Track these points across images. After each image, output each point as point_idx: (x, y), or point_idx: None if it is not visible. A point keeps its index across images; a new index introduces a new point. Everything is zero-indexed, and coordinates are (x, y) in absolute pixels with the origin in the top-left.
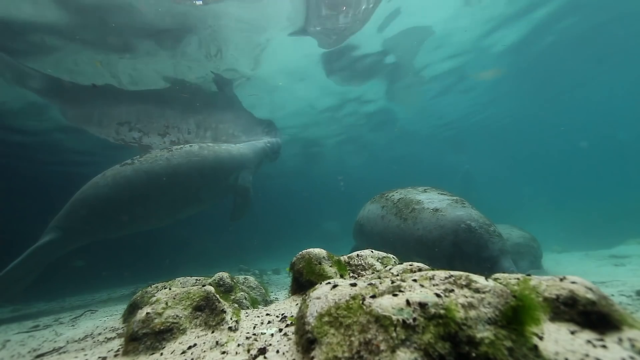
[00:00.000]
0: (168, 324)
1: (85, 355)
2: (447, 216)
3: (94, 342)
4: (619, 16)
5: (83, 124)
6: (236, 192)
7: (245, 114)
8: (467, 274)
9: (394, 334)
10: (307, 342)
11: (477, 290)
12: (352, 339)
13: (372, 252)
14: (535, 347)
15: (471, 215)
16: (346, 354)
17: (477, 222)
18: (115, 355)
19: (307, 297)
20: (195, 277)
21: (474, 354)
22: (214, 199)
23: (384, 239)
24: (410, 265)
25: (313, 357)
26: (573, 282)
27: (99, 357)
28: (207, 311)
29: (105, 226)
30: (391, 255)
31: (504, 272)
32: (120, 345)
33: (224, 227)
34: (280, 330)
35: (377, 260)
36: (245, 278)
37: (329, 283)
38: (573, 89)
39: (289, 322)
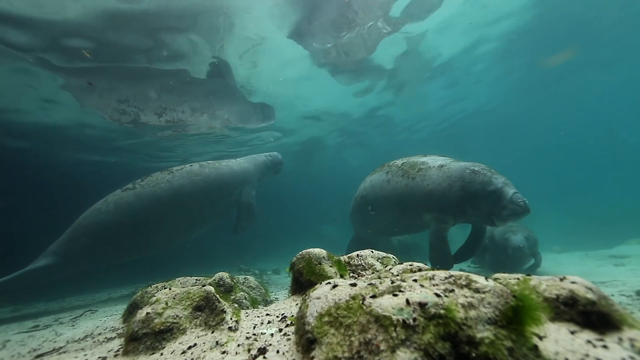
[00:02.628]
0: (168, 324)
1: (85, 355)
2: (452, 168)
3: (94, 342)
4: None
5: (82, 95)
6: (240, 208)
7: (241, 100)
8: (467, 274)
9: (394, 334)
10: (307, 342)
11: (477, 290)
12: (352, 339)
13: (372, 252)
14: (535, 347)
15: (474, 163)
16: (346, 354)
17: (479, 166)
18: (115, 355)
19: (307, 297)
20: (195, 277)
21: (474, 354)
22: (219, 217)
23: (391, 200)
24: (410, 265)
25: (313, 357)
26: (573, 282)
27: (99, 357)
28: (207, 311)
29: (108, 253)
30: (391, 255)
31: (510, 198)
32: (120, 345)
33: (225, 227)
34: (280, 330)
35: (377, 260)
36: (245, 278)
37: (329, 283)
38: (574, 88)
39: (289, 322)
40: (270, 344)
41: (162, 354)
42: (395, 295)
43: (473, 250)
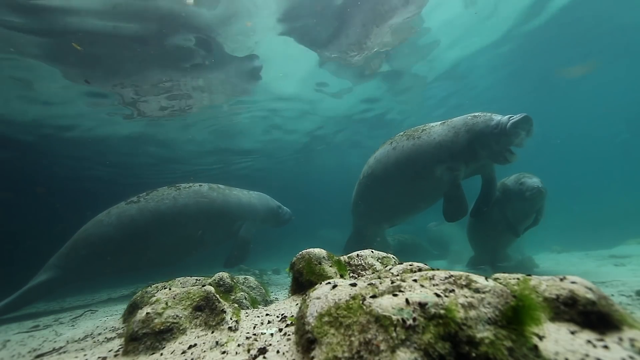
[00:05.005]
0: (168, 324)
1: (85, 355)
2: (454, 120)
3: (94, 342)
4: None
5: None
6: (236, 242)
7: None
8: (467, 274)
9: (394, 334)
10: (307, 342)
11: (477, 290)
12: (352, 339)
13: (372, 252)
14: (535, 347)
15: (473, 113)
16: (346, 354)
17: (478, 112)
18: (115, 355)
19: (307, 297)
20: (195, 277)
21: (474, 354)
22: (218, 243)
23: (401, 164)
24: (410, 265)
25: (313, 357)
26: (573, 282)
27: (99, 357)
28: (207, 311)
29: (107, 266)
30: (391, 255)
31: (509, 118)
32: (120, 345)
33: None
34: (280, 330)
35: (377, 260)
36: (245, 278)
37: (329, 283)
38: (574, 87)
39: (289, 322)
40: (270, 344)
41: (162, 354)
42: (395, 295)
43: (488, 200)
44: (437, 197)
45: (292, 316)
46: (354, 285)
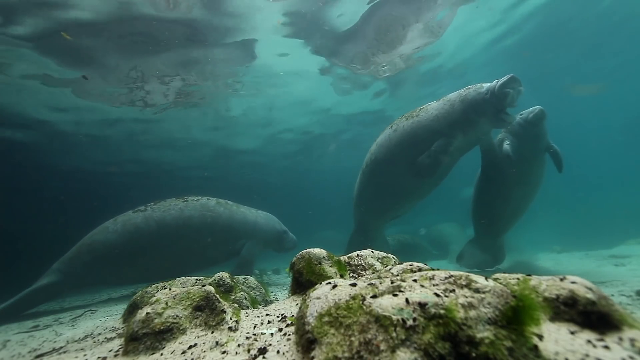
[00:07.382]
0: (168, 324)
1: (85, 355)
2: (449, 95)
3: (94, 342)
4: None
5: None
6: (238, 262)
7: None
8: (467, 274)
9: (394, 334)
10: (307, 342)
11: (477, 290)
12: (352, 339)
13: (372, 252)
14: (535, 347)
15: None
16: (346, 354)
17: (471, 85)
18: (115, 355)
19: (307, 297)
20: (195, 277)
21: (474, 354)
22: (221, 260)
23: (403, 144)
24: (410, 265)
25: (313, 357)
26: (573, 282)
27: (99, 357)
28: (207, 311)
29: (108, 274)
30: (391, 255)
31: (501, 85)
32: (120, 345)
33: None
34: (280, 330)
35: (377, 260)
36: (245, 278)
37: (329, 283)
38: (572, 87)
39: (289, 322)
40: (270, 344)
41: (162, 354)
42: (395, 295)
43: (490, 166)
44: (441, 178)
45: (292, 316)
46: (354, 285)
